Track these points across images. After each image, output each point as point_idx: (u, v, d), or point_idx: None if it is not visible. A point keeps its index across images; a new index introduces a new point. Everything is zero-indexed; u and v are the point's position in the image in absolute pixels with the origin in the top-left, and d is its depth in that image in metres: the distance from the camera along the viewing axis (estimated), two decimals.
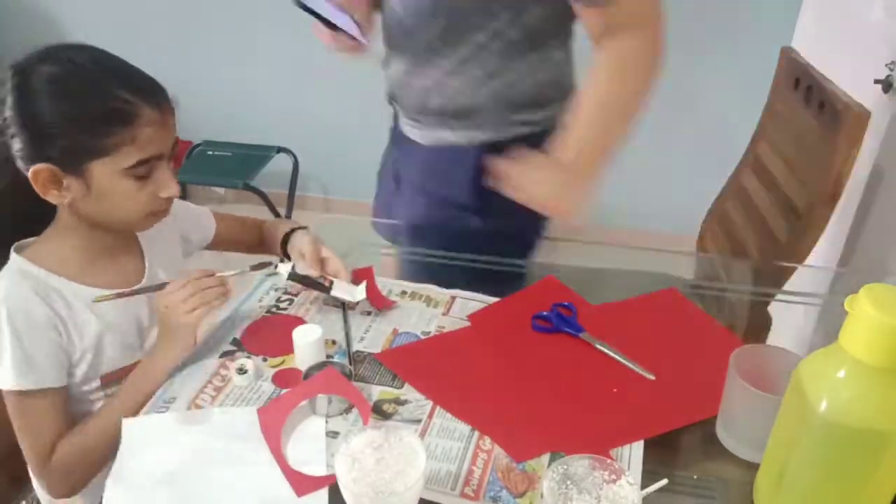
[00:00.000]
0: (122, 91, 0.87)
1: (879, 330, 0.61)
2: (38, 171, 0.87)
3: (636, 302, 1.13)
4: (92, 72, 0.89)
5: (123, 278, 1.02)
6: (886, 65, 1.55)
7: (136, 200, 0.93)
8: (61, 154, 0.87)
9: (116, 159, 0.88)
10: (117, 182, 0.90)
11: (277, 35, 2.68)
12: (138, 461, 0.82)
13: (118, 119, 0.86)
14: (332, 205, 2.97)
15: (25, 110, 0.86)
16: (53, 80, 0.87)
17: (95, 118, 0.86)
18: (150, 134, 0.89)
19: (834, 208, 1.27)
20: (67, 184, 0.89)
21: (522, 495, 0.77)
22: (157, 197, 0.94)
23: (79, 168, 0.88)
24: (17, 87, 0.87)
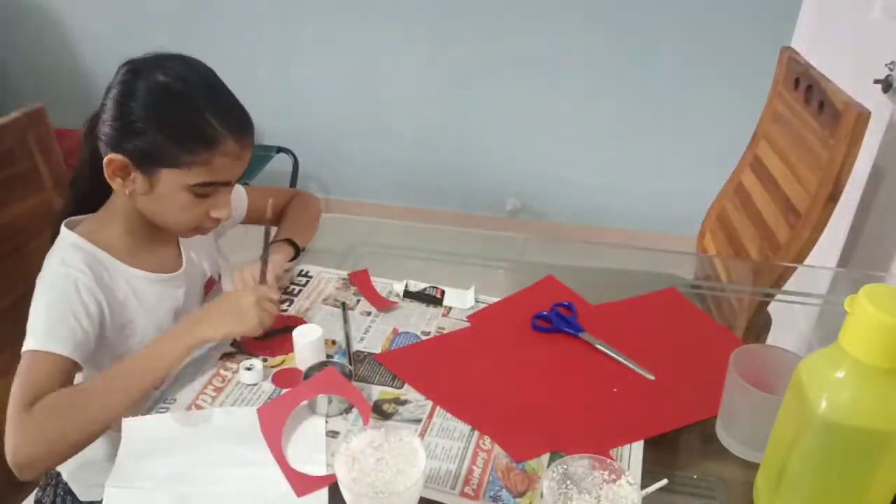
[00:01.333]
0: (214, 117, 0.93)
1: (879, 330, 0.61)
2: (113, 159, 0.93)
3: (636, 302, 1.13)
4: (195, 91, 0.94)
5: (163, 264, 1.06)
6: (886, 65, 1.55)
7: (188, 214, 0.98)
8: (139, 152, 0.93)
9: (186, 174, 0.93)
10: (179, 193, 0.95)
11: (277, 35, 2.68)
12: (138, 461, 0.82)
13: (201, 141, 0.92)
14: (332, 205, 2.98)
15: (122, 103, 0.92)
16: (158, 87, 0.92)
17: (182, 133, 0.92)
18: (225, 163, 0.95)
19: (834, 208, 1.27)
20: (134, 177, 0.95)
21: (522, 495, 0.77)
22: (208, 216, 0.99)
23: (150, 169, 0.94)
24: (125, 81, 0.93)
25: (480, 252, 1.32)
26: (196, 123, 0.92)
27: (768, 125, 1.59)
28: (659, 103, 2.50)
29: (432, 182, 2.86)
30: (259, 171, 2.66)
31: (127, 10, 2.74)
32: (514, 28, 2.47)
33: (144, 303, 1.02)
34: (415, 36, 2.57)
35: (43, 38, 2.86)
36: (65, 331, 0.90)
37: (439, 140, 2.76)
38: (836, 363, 0.65)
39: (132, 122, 0.92)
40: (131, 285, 1.01)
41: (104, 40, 2.80)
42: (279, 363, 0.98)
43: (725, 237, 1.65)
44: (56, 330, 0.90)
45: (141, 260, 1.03)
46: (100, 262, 0.98)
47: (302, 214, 1.27)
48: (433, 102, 2.69)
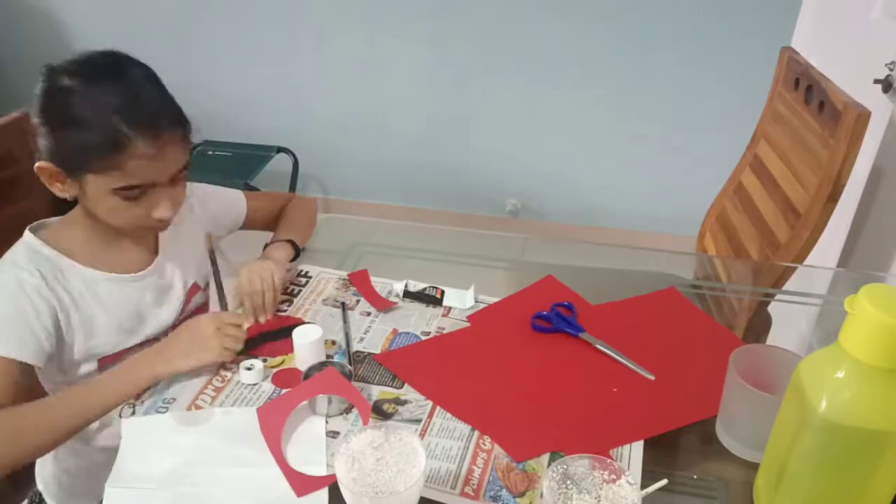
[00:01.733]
0: (120, 121, 0.88)
1: (879, 330, 0.61)
2: (42, 167, 0.93)
3: (636, 302, 1.13)
4: (101, 95, 0.90)
5: (130, 264, 1.05)
6: (886, 65, 1.55)
7: (125, 216, 0.95)
8: (61, 158, 0.92)
9: (106, 179, 0.91)
10: (107, 197, 0.93)
11: (278, 35, 2.68)
12: (138, 461, 0.82)
13: (109, 147, 0.88)
14: (331, 205, 2.98)
15: (40, 111, 0.92)
16: (65, 92, 0.90)
17: (90, 141, 0.89)
18: (140, 165, 0.90)
19: (834, 208, 1.27)
20: (69, 183, 0.94)
21: (522, 495, 0.77)
22: (149, 215, 0.96)
23: (76, 175, 0.92)
24: (42, 90, 0.92)
25: (480, 252, 1.32)
26: (101, 128, 0.88)
27: (768, 125, 1.59)
28: (659, 103, 2.50)
29: (432, 182, 2.86)
30: (259, 171, 2.67)
31: (126, 10, 2.74)
32: (514, 28, 2.47)
33: (103, 303, 1.01)
34: (415, 36, 2.57)
35: (43, 38, 2.86)
36: (13, 335, 0.90)
37: (439, 140, 2.76)
38: (836, 363, 0.65)
39: (48, 129, 0.91)
40: (87, 285, 0.99)
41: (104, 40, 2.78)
42: (279, 363, 0.98)
43: (725, 237, 1.65)
44: (9, 335, 0.90)
45: (103, 261, 1.01)
46: (52, 264, 0.97)
47: (299, 217, 1.27)
48: (433, 102, 2.69)
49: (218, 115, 2.83)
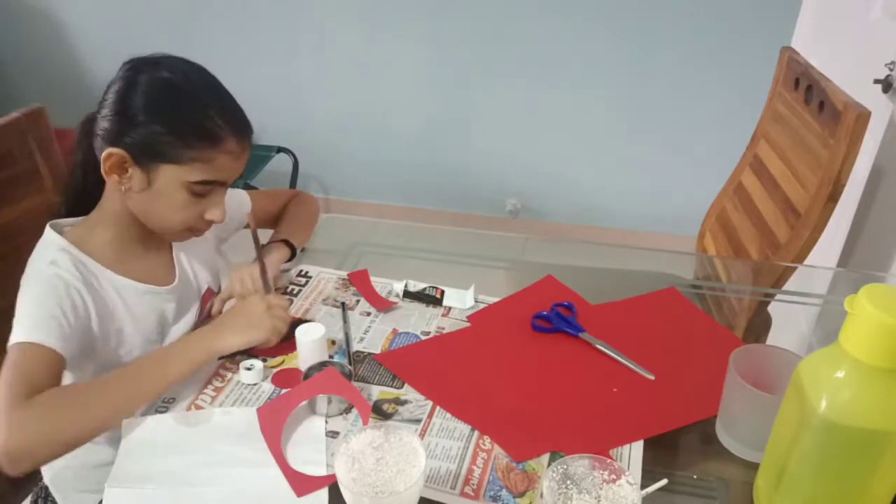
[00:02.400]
0: (218, 115, 0.93)
1: (879, 330, 0.61)
2: (111, 153, 0.92)
3: (636, 302, 1.13)
4: (198, 89, 0.95)
5: (153, 274, 1.05)
6: (886, 65, 1.55)
7: (183, 214, 0.97)
8: (139, 146, 0.92)
9: (186, 171, 0.93)
10: (176, 190, 0.94)
11: (278, 35, 2.68)
12: (138, 462, 0.82)
13: (205, 137, 0.92)
14: (332, 205, 2.98)
15: (125, 97, 0.92)
16: (162, 83, 0.93)
17: (186, 128, 0.92)
18: (226, 161, 0.95)
19: (834, 208, 1.27)
20: (131, 173, 0.94)
21: (522, 495, 0.77)
22: (201, 217, 0.98)
23: (149, 164, 0.93)
24: (126, 77, 0.93)
25: (480, 252, 1.32)
26: (200, 119, 0.92)
27: (768, 125, 1.59)
28: (659, 103, 2.50)
29: (432, 182, 2.86)
30: (259, 171, 2.66)
31: (126, 10, 2.74)
32: (514, 28, 2.47)
33: (133, 312, 1.00)
34: (415, 36, 2.57)
35: (43, 38, 2.85)
36: (53, 324, 0.89)
37: (439, 140, 2.76)
38: (836, 363, 0.65)
39: (133, 115, 0.91)
40: (120, 294, 0.99)
41: (104, 40, 2.79)
42: (279, 363, 0.98)
43: (725, 237, 1.65)
44: (44, 322, 0.89)
45: (130, 268, 1.01)
46: (88, 269, 0.96)
47: (299, 215, 1.27)
48: (433, 102, 2.69)
49: None
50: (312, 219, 1.30)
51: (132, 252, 1.02)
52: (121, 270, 1.00)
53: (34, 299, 0.91)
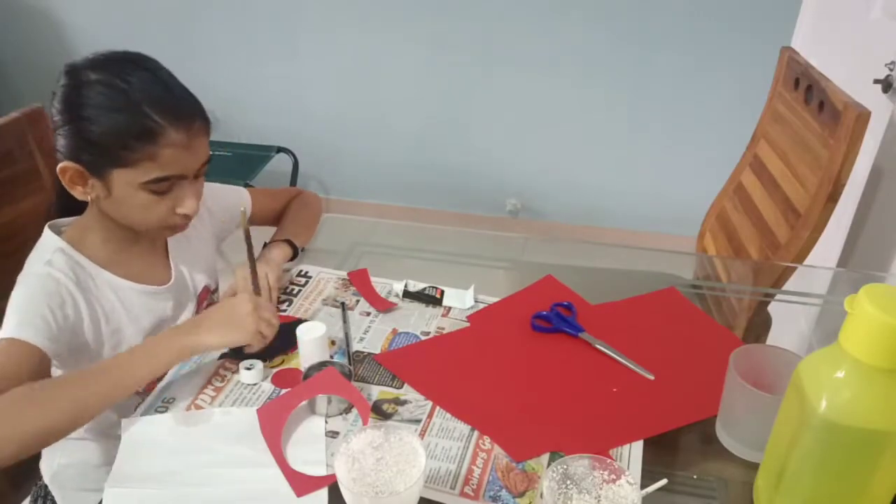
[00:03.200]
0: (151, 110, 0.89)
1: (879, 330, 0.61)
2: (65, 168, 0.91)
3: (636, 302, 1.13)
4: (130, 83, 0.90)
5: (149, 273, 1.04)
6: (886, 65, 1.55)
7: (151, 212, 0.95)
8: (89, 157, 0.91)
9: (136, 173, 0.91)
10: (135, 193, 0.92)
11: (278, 35, 2.68)
12: (138, 462, 0.82)
13: (142, 136, 0.89)
14: (332, 205, 2.97)
15: (63, 109, 0.91)
16: (91, 86, 0.90)
17: (122, 131, 0.89)
18: (173, 154, 0.91)
19: (834, 208, 1.27)
20: (92, 184, 0.93)
21: (522, 495, 0.77)
22: (173, 212, 0.96)
23: (101, 172, 0.91)
24: (64, 86, 0.91)
25: (480, 252, 1.32)
26: (133, 118, 0.88)
27: (768, 125, 1.59)
28: (659, 103, 2.50)
29: (432, 182, 2.86)
30: (259, 171, 2.66)
31: (127, 10, 2.74)
32: (514, 28, 2.47)
33: (131, 313, 1.01)
34: (415, 36, 2.57)
35: (43, 38, 2.85)
36: (39, 322, 0.88)
37: (439, 140, 2.76)
38: (836, 363, 0.65)
39: (74, 126, 0.90)
40: (117, 294, 0.99)
41: (104, 40, 2.79)
42: (279, 363, 0.98)
43: (725, 237, 1.65)
44: (31, 320, 0.88)
45: (125, 268, 1.01)
46: (86, 271, 0.96)
47: (301, 214, 1.26)
48: (433, 102, 2.69)
49: (218, 115, 2.82)
50: (315, 218, 1.29)
51: (126, 252, 1.02)
52: (117, 271, 1.00)
53: (25, 297, 0.91)
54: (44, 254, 0.95)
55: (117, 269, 1.00)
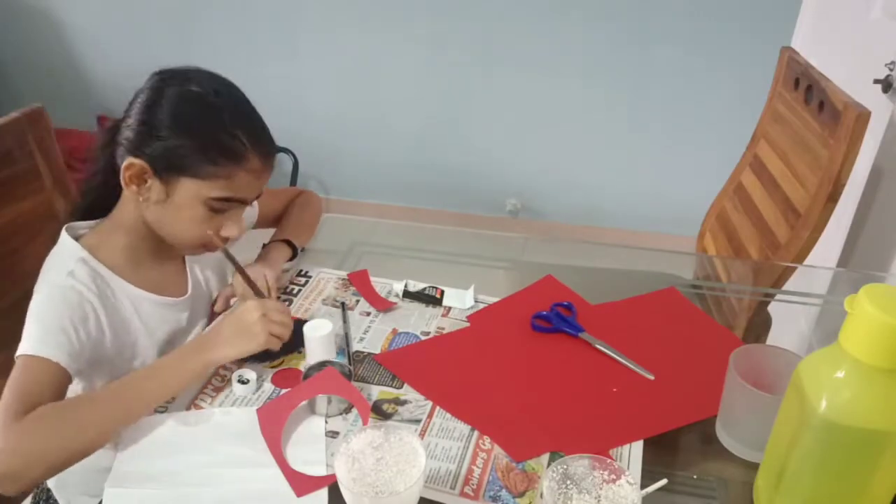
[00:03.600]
0: (242, 133, 0.92)
1: (879, 330, 0.61)
2: (132, 163, 0.91)
3: (636, 302, 1.13)
4: (226, 105, 0.94)
5: (166, 284, 1.04)
6: (886, 65, 1.55)
7: (199, 228, 0.96)
8: (162, 157, 0.91)
9: (206, 186, 0.92)
10: (195, 205, 0.93)
11: (278, 35, 2.68)
12: (137, 462, 0.82)
13: (228, 154, 0.91)
14: (332, 205, 2.97)
15: (151, 108, 0.92)
16: (190, 97, 0.92)
17: (209, 143, 0.91)
18: (247, 180, 0.94)
19: (834, 208, 1.27)
20: (151, 184, 0.93)
21: (522, 495, 0.77)
22: (217, 233, 0.97)
23: (169, 176, 0.92)
24: (154, 87, 0.93)
25: (480, 252, 1.32)
26: (225, 136, 0.91)
27: (768, 125, 1.59)
28: (659, 103, 2.49)
29: (432, 182, 2.86)
30: None
31: (127, 10, 2.74)
32: (514, 28, 2.46)
33: (147, 324, 1.00)
34: (415, 36, 2.56)
35: (43, 38, 2.85)
36: (62, 339, 0.87)
37: (439, 140, 2.76)
38: (836, 363, 0.65)
39: (158, 127, 0.91)
40: (135, 305, 0.99)
41: (104, 40, 2.79)
42: (279, 363, 0.98)
43: (725, 237, 1.65)
44: (53, 336, 0.87)
45: (144, 278, 1.00)
46: (105, 281, 0.96)
47: (302, 214, 1.26)
48: (433, 102, 2.68)
49: None
50: (316, 218, 1.29)
51: (145, 262, 1.01)
52: (135, 280, 0.99)
53: (45, 310, 0.89)
54: (65, 262, 0.94)
55: (134, 278, 0.99)
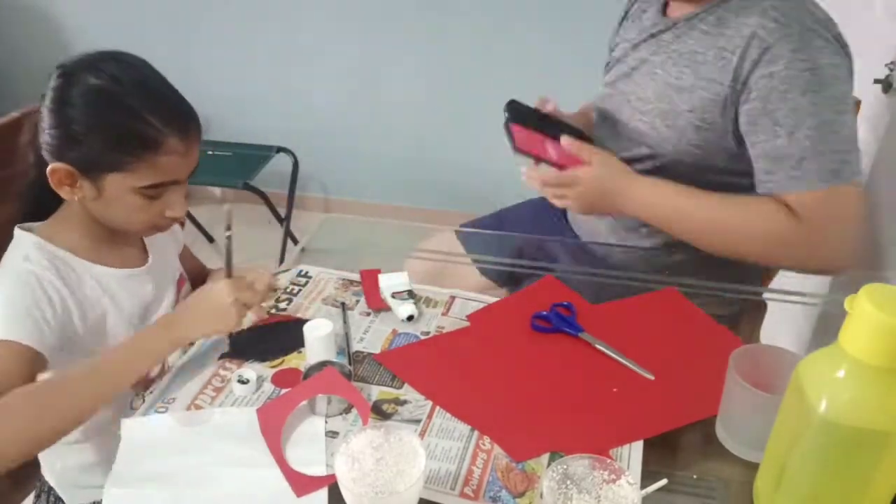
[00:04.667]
0: (154, 117, 0.90)
1: (879, 330, 0.61)
2: (56, 168, 0.91)
3: (635, 302, 1.13)
4: (130, 92, 0.91)
5: (127, 261, 1.04)
6: (886, 65, 1.54)
7: (140, 215, 0.96)
8: (82, 159, 0.91)
9: (132, 177, 0.91)
10: (128, 196, 0.93)
11: (278, 35, 2.68)
12: (138, 462, 0.82)
13: (144, 143, 0.90)
14: (331, 205, 2.97)
15: (58, 110, 0.90)
16: (92, 91, 0.90)
17: (122, 137, 0.90)
18: (172, 162, 0.92)
19: None
20: (81, 185, 0.93)
21: (522, 495, 0.77)
22: (162, 215, 0.97)
23: (95, 175, 0.91)
24: (59, 87, 0.91)
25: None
26: (135, 125, 0.89)
27: None
28: None
29: (432, 182, 2.86)
30: (259, 171, 2.66)
31: (126, 10, 2.74)
32: (513, 27, 2.47)
33: (114, 299, 1.01)
34: (415, 36, 2.56)
35: (43, 38, 2.85)
36: (28, 321, 0.88)
37: (439, 140, 2.76)
38: (836, 363, 0.65)
39: (70, 129, 0.90)
40: (99, 282, 0.99)
41: (104, 40, 2.77)
42: (279, 363, 0.98)
43: None
44: (19, 320, 0.88)
45: (105, 257, 1.01)
46: (65, 263, 0.96)
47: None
48: (433, 102, 2.68)
49: (218, 115, 2.82)
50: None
51: (104, 244, 1.01)
52: (96, 259, 1.00)
53: (8, 297, 0.90)
54: (19, 251, 0.94)
55: (96, 258, 1.00)
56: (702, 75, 1.08)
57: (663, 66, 1.15)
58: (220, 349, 1.00)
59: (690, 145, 1.11)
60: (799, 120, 0.99)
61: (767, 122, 1.02)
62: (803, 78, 0.99)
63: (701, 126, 1.09)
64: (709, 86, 1.07)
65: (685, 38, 1.13)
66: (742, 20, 1.05)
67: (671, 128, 1.12)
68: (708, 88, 1.07)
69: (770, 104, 1.01)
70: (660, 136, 1.14)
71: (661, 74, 1.14)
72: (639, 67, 1.20)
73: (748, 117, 1.04)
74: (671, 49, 1.14)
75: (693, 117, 1.10)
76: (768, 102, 1.02)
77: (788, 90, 1.00)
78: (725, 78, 1.05)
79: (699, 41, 1.10)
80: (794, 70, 0.99)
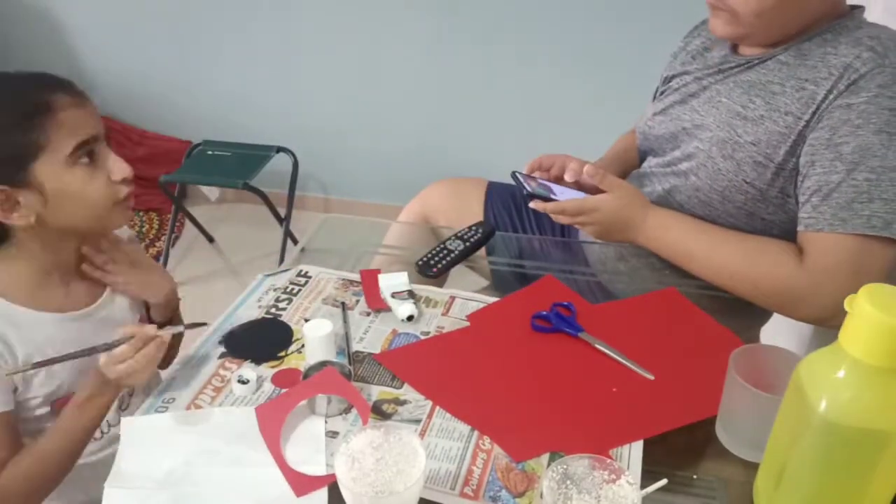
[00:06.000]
0: (31, 87, 0.89)
1: (879, 330, 0.61)
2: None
3: (635, 302, 1.13)
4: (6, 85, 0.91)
5: (74, 302, 1.01)
6: None
7: (93, 189, 0.92)
8: (3, 170, 0.87)
9: (54, 152, 0.88)
10: (65, 175, 0.89)
11: (277, 35, 2.68)
12: (138, 461, 0.82)
13: (38, 112, 0.87)
14: (331, 205, 2.97)
15: None
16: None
17: (17, 119, 0.87)
18: (75, 116, 0.89)
19: None
20: (24, 200, 0.89)
21: (522, 495, 0.77)
22: (112, 183, 0.94)
23: (24, 178, 0.88)
24: None
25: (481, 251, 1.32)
26: (21, 102, 0.88)
27: None
28: None
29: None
30: (259, 171, 2.66)
31: (126, 10, 2.74)
32: (514, 27, 2.47)
33: (55, 345, 0.96)
34: (415, 35, 2.57)
35: (43, 38, 2.85)
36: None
37: (440, 140, 2.76)
38: (836, 363, 0.65)
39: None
40: (42, 329, 0.96)
41: (103, 40, 2.79)
42: (279, 363, 0.98)
43: None
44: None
45: (47, 299, 0.97)
46: (7, 319, 0.93)
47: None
48: (433, 102, 2.69)
49: (218, 115, 2.83)
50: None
51: (50, 282, 0.98)
52: (36, 305, 0.96)
53: None
54: None
55: (38, 303, 0.96)
56: (775, 106, 1.01)
57: (730, 93, 1.07)
58: (220, 350, 1.00)
59: (744, 182, 1.04)
60: (862, 158, 0.92)
61: (828, 155, 0.95)
62: (882, 116, 0.92)
63: (761, 163, 1.02)
64: (781, 118, 1.00)
65: (758, 68, 1.05)
66: (829, 51, 0.99)
67: (728, 159, 1.05)
68: (779, 121, 1.00)
69: (837, 136, 0.94)
70: (714, 166, 1.06)
71: (727, 102, 1.07)
72: (698, 94, 1.13)
73: (811, 147, 0.97)
74: (740, 78, 1.07)
75: (754, 151, 1.02)
76: (836, 134, 0.94)
77: (862, 125, 0.92)
78: (804, 111, 0.98)
79: (774, 71, 1.03)
80: (874, 105, 0.92)
